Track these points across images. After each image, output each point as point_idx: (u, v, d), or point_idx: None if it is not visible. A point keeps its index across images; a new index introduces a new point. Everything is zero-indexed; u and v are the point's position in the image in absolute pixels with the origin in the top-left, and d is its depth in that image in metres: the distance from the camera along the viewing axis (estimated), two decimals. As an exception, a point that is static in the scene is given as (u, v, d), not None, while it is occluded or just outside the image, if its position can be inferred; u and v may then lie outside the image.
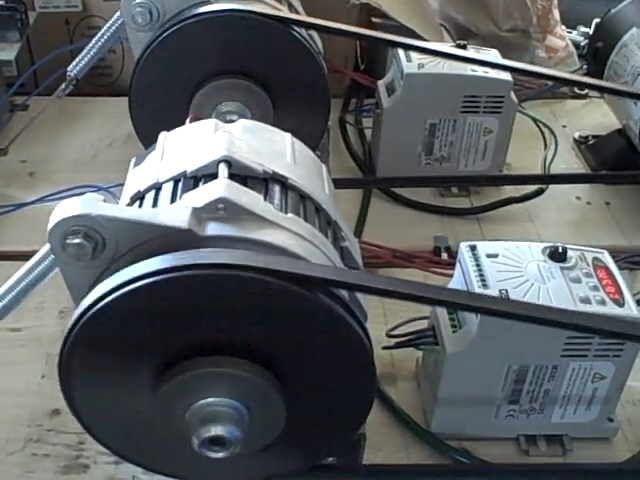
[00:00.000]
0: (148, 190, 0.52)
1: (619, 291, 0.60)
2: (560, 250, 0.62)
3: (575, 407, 0.64)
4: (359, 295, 0.50)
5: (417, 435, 0.66)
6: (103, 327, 0.45)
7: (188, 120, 0.64)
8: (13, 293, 0.51)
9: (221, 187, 0.48)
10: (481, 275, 0.60)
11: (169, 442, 0.49)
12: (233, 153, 0.51)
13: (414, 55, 0.92)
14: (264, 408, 0.46)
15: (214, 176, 0.50)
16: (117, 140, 1.03)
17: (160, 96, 0.79)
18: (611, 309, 0.58)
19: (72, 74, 0.86)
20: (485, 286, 0.60)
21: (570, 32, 1.28)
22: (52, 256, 0.48)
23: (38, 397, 0.68)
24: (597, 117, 1.12)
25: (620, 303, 0.59)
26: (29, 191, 0.92)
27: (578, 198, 0.98)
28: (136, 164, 0.57)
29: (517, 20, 1.20)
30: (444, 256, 0.86)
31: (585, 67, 1.16)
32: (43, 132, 1.02)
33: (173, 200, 0.50)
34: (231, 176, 0.50)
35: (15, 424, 0.66)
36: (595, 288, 0.60)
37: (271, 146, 0.56)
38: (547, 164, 1.00)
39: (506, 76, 0.91)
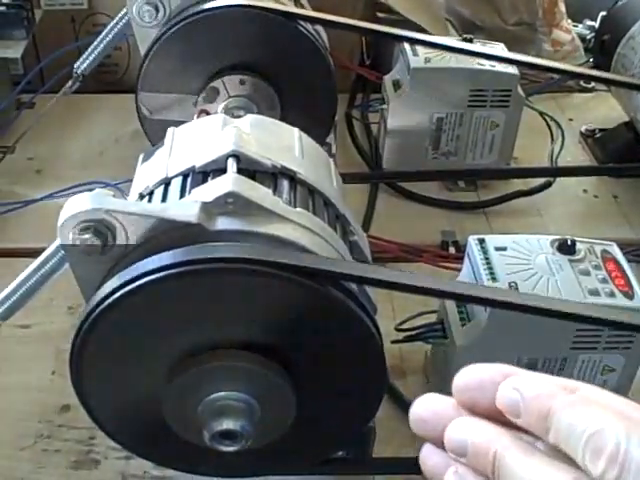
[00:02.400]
0: (157, 185, 0.52)
1: (628, 283, 0.60)
2: (569, 243, 0.62)
3: (585, 400, 0.63)
4: (368, 289, 0.50)
5: (426, 429, 0.66)
6: (114, 322, 0.45)
7: (196, 116, 0.65)
8: (23, 289, 0.51)
9: (230, 181, 0.48)
10: (490, 268, 0.60)
11: (180, 436, 0.49)
12: (241, 148, 0.51)
13: (420, 49, 0.92)
14: (275, 402, 0.46)
15: (223, 171, 0.50)
16: (124, 137, 1.04)
17: (167, 92, 0.80)
18: (620, 301, 0.58)
19: (78, 71, 0.86)
20: (494, 279, 0.59)
21: (576, 25, 1.28)
22: (62, 252, 0.48)
23: (48, 393, 0.69)
24: (604, 110, 1.12)
25: (629, 295, 0.59)
26: (37, 188, 0.92)
27: (585, 191, 0.98)
28: (144, 160, 0.57)
29: (523, 14, 1.19)
30: (452, 250, 0.86)
31: (591, 60, 1.16)
32: (50, 129, 1.02)
33: (182, 195, 0.50)
34: (240, 171, 0.50)
35: (26, 420, 0.66)
36: (604, 280, 0.60)
37: (279, 140, 0.57)
38: (554, 157, 1.00)
39: (513, 70, 0.90)
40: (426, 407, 0.31)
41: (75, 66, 0.86)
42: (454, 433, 0.30)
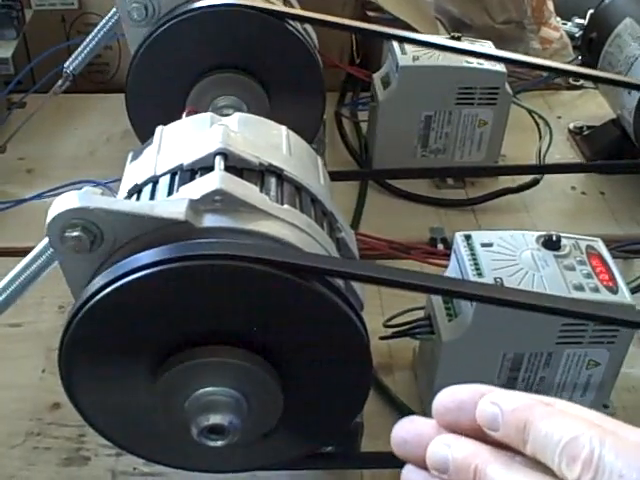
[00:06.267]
0: (145, 183, 0.53)
1: (612, 278, 0.60)
2: (554, 238, 0.62)
3: (570, 394, 0.64)
4: (356, 285, 0.51)
5: (414, 424, 0.67)
6: (102, 319, 0.45)
7: (185, 114, 0.65)
8: (13, 287, 0.52)
9: (217, 179, 0.48)
10: (476, 264, 0.61)
11: (169, 432, 0.50)
12: (229, 146, 0.52)
13: (409, 48, 0.93)
14: (262, 397, 0.47)
15: (210, 168, 0.50)
16: (114, 136, 1.04)
17: (157, 91, 0.80)
18: (605, 296, 0.59)
19: (69, 71, 0.86)
20: (480, 275, 0.60)
21: (565, 23, 1.29)
22: (51, 249, 0.48)
23: (39, 391, 0.69)
24: (592, 108, 1.13)
25: (614, 290, 0.59)
26: (27, 188, 0.93)
27: (573, 188, 0.99)
28: (133, 158, 0.58)
29: (511, 12, 1.20)
30: (440, 247, 0.86)
31: (580, 58, 1.17)
32: (41, 129, 1.02)
33: (170, 193, 0.50)
34: (227, 168, 0.50)
35: (16, 418, 0.67)
36: (589, 275, 0.60)
37: (267, 138, 0.57)
38: (542, 155, 1.00)
39: (500, 67, 0.91)
40: (408, 429, 0.32)
41: (65, 66, 0.86)
42: (436, 450, 0.31)
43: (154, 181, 0.52)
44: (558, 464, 0.28)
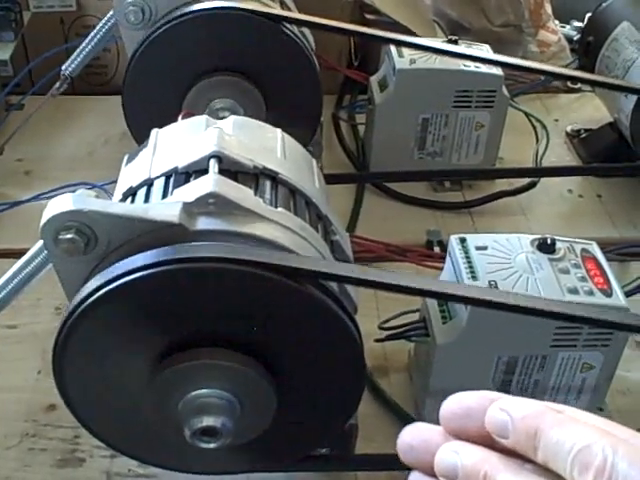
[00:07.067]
0: (140, 186, 0.53)
1: (607, 281, 0.60)
2: (549, 242, 0.62)
3: (565, 397, 0.64)
4: (350, 288, 0.51)
5: (409, 426, 0.67)
6: (95, 321, 0.45)
7: (180, 116, 0.65)
8: (7, 289, 0.52)
9: (211, 182, 0.48)
10: (470, 267, 0.61)
11: (164, 434, 0.50)
12: (223, 149, 0.52)
13: (406, 51, 0.93)
14: (255, 399, 0.47)
15: (205, 171, 0.51)
16: (112, 138, 1.04)
17: (153, 94, 0.80)
18: (599, 299, 0.59)
19: (66, 73, 0.86)
20: (474, 278, 0.60)
21: (563, 27, 1.29)
22: (45, 252, 0.48)
23: (34, 392, 0.69)
24: (589, 111, 1.13)
25: (608, 293, 0.59)
26: (25, 189, 0.93)
27: (570, 191, 0.99)
28: (129, 161, 0.58)
29: (509, 15, 1.20)
30: (437, 250, 0.87)
31: (577, 61, 1.17)
32: (39, 131, 1.03)
33: (165, 195, 0.50)
34: (222, 171, 0.50)
35: (12, 419, 0.67)
36: (583, 279, 0.60)
37: (261, 142, 0.57)
38: (539, 158, 1.00)
39: (497, 71, 0.91)
40: (414, 435, 0.32)
41: (62, 68, 0.86)
42: (444, 457, 0.30)
43: (149, 184, 0.52)
44: (570, 472, 0.27)
